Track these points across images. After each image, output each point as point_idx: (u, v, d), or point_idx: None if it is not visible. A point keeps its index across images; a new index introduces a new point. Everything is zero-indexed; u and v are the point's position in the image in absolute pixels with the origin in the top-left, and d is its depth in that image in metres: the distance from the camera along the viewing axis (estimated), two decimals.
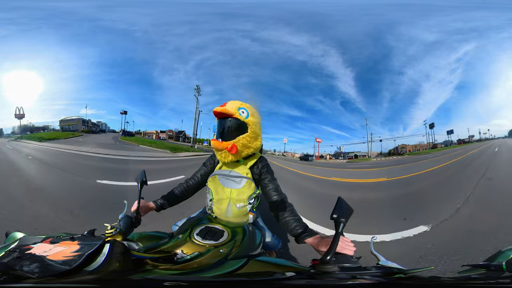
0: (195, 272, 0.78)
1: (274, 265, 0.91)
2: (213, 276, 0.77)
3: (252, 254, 0.94)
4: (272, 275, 0.81)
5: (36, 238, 0.79)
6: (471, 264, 0.98)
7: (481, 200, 4.91)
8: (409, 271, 0.78)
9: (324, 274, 0.77)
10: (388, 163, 19.43)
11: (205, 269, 0.80)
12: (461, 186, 6.44)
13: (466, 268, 0.97)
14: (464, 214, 4.10)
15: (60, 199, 4.36)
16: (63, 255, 0.65)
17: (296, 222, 1.22)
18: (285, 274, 0.79)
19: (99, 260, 0.66)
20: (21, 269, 0.60)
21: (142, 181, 1.26)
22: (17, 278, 0.59)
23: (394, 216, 4.21)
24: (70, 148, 14.46)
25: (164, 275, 0.73)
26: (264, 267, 0.87)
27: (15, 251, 0.68)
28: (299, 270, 0.85)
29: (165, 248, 0.95)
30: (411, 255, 2.68)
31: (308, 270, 0.82)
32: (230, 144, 1.33)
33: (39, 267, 0.60)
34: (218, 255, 0.91)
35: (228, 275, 0.78)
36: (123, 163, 10.60)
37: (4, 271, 0.60)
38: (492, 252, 1.03)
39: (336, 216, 0.80)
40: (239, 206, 1.37)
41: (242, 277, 0.80)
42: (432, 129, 26.55)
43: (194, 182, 1.55)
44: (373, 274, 0.79)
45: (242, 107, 1.35)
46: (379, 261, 0.90)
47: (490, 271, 0.88)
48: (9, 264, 0.62)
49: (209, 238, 1.04)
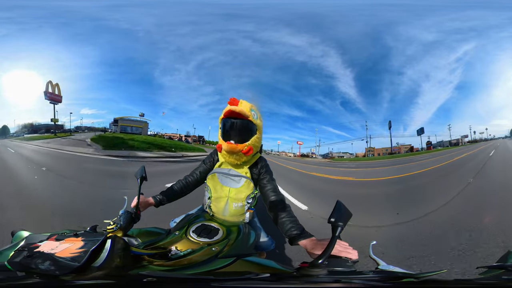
0: (184, 269, 0.79)
1: (260, 266, 0.90)
2: (197, 273, 0.78)
3: (241, 254, 0.94)
4: (255, 275, 0.79)
5: (41, 236, 0.80)
6: (485, 266, 0.94)
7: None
8: (421, 275, 0.74)
9: (305, 277, 0.75)
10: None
11: (194, 266, 0.81)
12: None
13: (482, 270, 0.94)
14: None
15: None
16: (69, 251, 0.67)
17: (292, 224, 1.20)
18: (267, 275, 0.78)
19: (102, 256, 0.69)
20: (38, 267, 0.62)
21: (142, 176, 1.28)
22: (31, 275, 0.61)
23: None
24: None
25: (155, 271, 0.75)
26: (251, 267, 0.87)
27: (24, 250, 0.70)
28: (283, 272, 0.84)
29: (162, 244, 0.98)
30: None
31: (291, 273, 0.81)
32: (247, 147, 1.33)
33: (53, 265, 0.62)
34: (210, 253, 0.92)
35: (209, 273, 0.79)
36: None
37: (21, 270, 0.63)
38: (502, 253, 1.02)
39: (334, 220, 0.78)
40: (237, 205, 1.38)
41: (224, 276, 0.80)
42: (421, 134, 24.51)
43: (193, 179, 1.55)
44: (369, 278, 0.75)
45: (253, 108, 1.35)
46: (378, 265, 0.88)
47: (507, 272, 0.86)
48: (23, 263, 0.64)
49: (204, 235, 1.06)
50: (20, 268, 0.64)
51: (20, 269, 0.63)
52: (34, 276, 0.62)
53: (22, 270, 0.63)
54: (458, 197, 5.13)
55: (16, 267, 0.64)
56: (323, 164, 19.70)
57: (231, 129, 1.35)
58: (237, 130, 1.34)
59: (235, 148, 1.32)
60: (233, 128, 1.35)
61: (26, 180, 5.87)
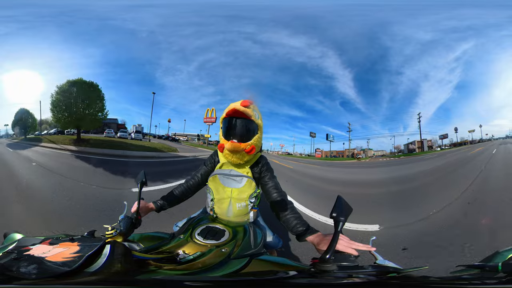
0: (201, 272, 0.77)
1: (276, 264, 0.91)
2: (220, 276, 0.77)
3: (254, 253, 0.94)
4: (275, 274, 0.81)
5: (35, 239, 0.78)
6: (465, 265, 0.97)
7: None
8: (403, 270, 0.79)
9: (324, 272, 0.78)
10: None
11: (210, 269, 0.80)
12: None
13: (460, 268, 0.97)
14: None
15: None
16: (62, 256, 0.64)
17: (297, 220, 1.21)
18: (287, 273, 0.79)
19: (100, 261, 0.64)
20: (18, 270, 0.58)
21: (142, 181, 1.25)
22: (13, 279, 0.57)
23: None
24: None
25: (171, 276, 0.73)
26: (266, 266, 0.87)
27: (13, 252, 0.67)
28: (300, 269, 0.85)
29: (167, 248, 0.95)
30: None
31: (309, 269, 0.82)
32: (250, 146, 1.32)
33: (37, 268, 0.59)
34: (221, 254, 0.91)
35: (234, 274, 0.78)
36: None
37: (2, 273, 0.59)
38: (489, 253, 1.02)
39: (336, 215, 0.80)
40: (240, 205, 1.36)
41: (248, 277, 0.80)
42: (329, 140, 24.04)
43: (194, 182, 1.53)
44: (368, 273, 0.79)
45: (254, 108, 1.35)
46: (376, 260, 0.91)
47: (484, 272, 0.88)
48: (5, 265, 0.61)
49: (210, 237, 1.04)
50: (1, 270, 0.60)
51: (1, 272, 0.60)
52: (10, 279, 0.58)
53: (2, 273, 0.59)
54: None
55: None
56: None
57: (234, 128, 1.34)
58: (240, 129, 1.33)
59: (239, 147, 1.30)
60: (236, 127, 1.33)
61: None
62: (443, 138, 21.12)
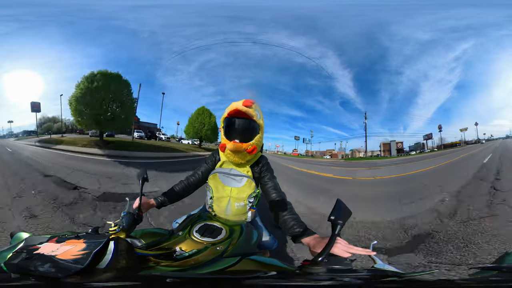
0: (191, 269, 0.79)
1: (265, 264, 0.91)
2: (207, 273, 0.78)
3: (246, 253, 0.95)
4: (263, 274, 0.81)
5: (41, 238, 0.79)
6: (479, 267, 0.96)
7: None
8: (406, 274, 0.77)
9: (309, 275, 0.77)
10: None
11: (201, 266, 0.82)
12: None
13: (475, 270, 0.95)
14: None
15: None
16: (71, 254, 0.65)
17: (294, 221, 1.20)
18: (271, 274, 0.80)
19: (106, 258, 0.67)
20: (37, 269, 0.60)
21: (143, 178, 1.27)
22: (29, 278, 0.59)
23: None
24: None
25: (166, 272, 0.75)
26: (255, 266, 0.88)
27: (23, 252, 0.68)
28: (285, 270, 0.85)
29: (166, 245, 0.97)
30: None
31: (294, 271, 0.82)
32: (251, 145, 1.33)
33: (53, 267, 0.60)
34: (215, 252, 0.92)
35: (219, 272, 0.79)
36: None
37: (19, 273, 0.61)
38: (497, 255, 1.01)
39: (334, 218, 0.79)
40: (239, 204, 1.37)
41: (232, 275, 0.81)
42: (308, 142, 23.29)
43: (194, 179, 1.54)
44: (360, 276, 0.78)
45: (256, 108, 1.35)
46: (375, 264, 0.90)
47: (502, 273, 0.86)
48: (21, 265, 0.62)
49: (207, 235, 1.06)
50: (17, 270, 0.62)
51: (18, 271, 0.62)
52: (31, 278, 0.60)
53: (19, 272, 0.61)
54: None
55: (13, 269, 0.63)
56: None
57: (236, 128, 1.34)
58: (242, 130, 1.33)
59: (241, 147, 1.31)
60: (238, 127, 1.34)
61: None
62: (427, 138, 19.99)
